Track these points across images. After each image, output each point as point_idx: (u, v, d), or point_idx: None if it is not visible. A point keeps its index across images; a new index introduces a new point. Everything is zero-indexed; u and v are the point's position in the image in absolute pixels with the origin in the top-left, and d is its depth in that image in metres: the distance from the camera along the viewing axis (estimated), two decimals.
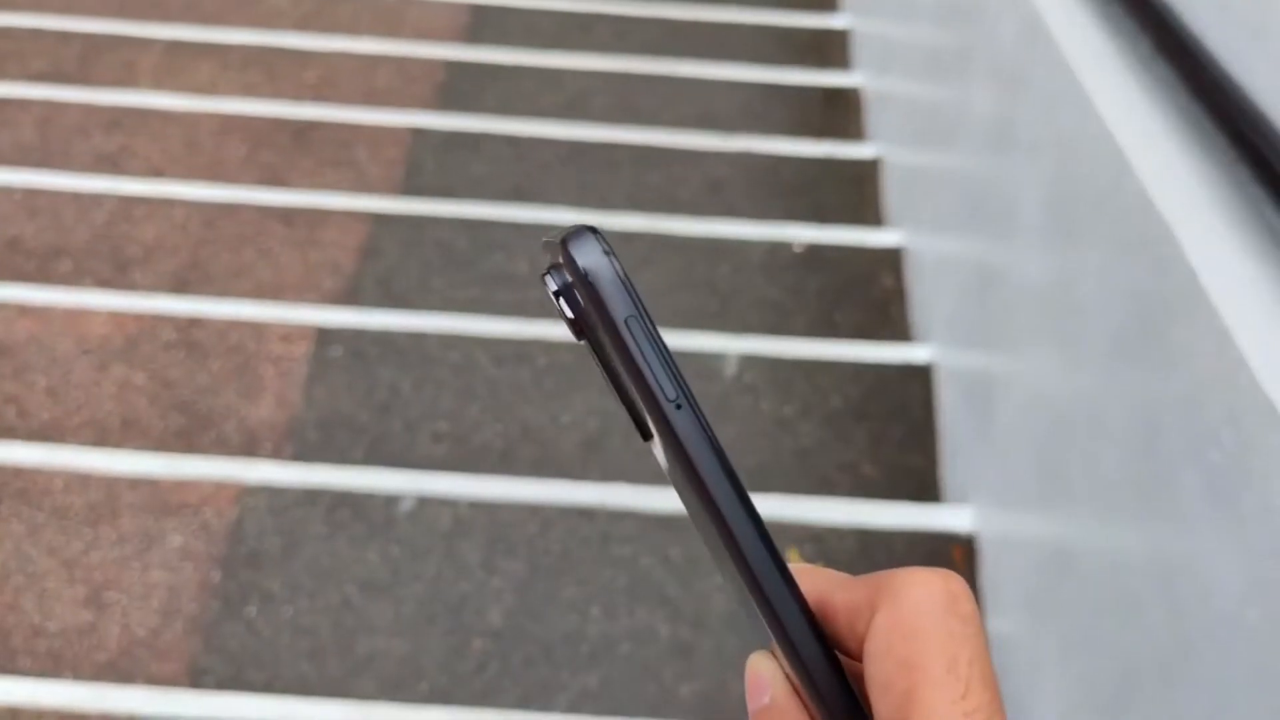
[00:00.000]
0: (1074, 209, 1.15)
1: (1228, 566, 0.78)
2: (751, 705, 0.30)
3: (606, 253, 0.28)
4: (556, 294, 0.29)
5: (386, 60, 2.51)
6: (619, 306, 0.28)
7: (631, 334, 0.28)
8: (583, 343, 0.30)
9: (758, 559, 0.28)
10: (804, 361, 1.75)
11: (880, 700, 0.26)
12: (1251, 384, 0.75)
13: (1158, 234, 0.92)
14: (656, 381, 0.28)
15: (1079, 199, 1.14)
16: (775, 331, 1.84)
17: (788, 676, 0.29)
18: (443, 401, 1.65)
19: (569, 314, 0.29)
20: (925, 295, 1.83)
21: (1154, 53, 1.13)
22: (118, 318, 1.74)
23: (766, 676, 0.30)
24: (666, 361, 0.28)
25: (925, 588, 0.27)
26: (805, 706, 0.29)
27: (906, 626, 0.26)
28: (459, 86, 2.45)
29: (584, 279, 0.28)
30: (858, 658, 0.28)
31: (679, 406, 0.28)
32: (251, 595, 1.38)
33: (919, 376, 1.72)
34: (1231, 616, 0.77)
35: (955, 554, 1.45)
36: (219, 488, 1.49)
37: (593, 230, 0.29)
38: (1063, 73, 1.19)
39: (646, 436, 0.30)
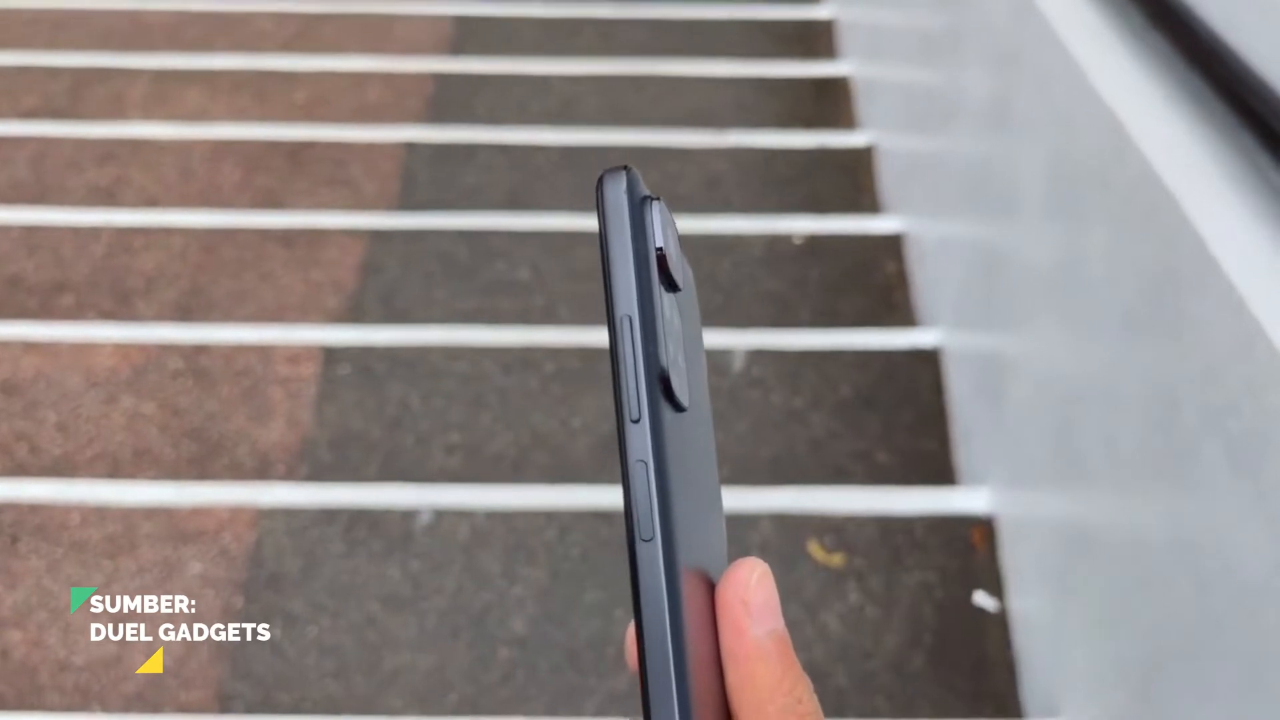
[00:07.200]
0: (1077, 185, 1.15)
1: (1253, 537, 0.77)
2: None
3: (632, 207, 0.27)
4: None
5: (375, 76, 2.51)
6: (622, 295, 0.27)
7: (625, 332, 0.27)
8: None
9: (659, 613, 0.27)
10: (811, 352, 1.75)
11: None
12: (1269, 351, 0.75)
13: (1164, 205, 0.92)
14: (627, 396, 0.27)
15: (1081, 175, 1.14)
16: (780, 324, 1.84)
17: None
18: (453, 413, 1.65)
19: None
20: (929, 279, 1.83)
21: (1146, 23, 1.13)
22: (123, 349, 1.74)
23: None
24: (646, 366, 0.27)
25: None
26: None
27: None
28: (449, 98, 2.44)
29: (602, 240, 0.27)
30: None
31: (635, 421, 0.27)
32: (274, 617, 1.38)
33: (927, 361, 1.72)
34: (1259, 587, 0.77)
35: (974, 536, 1.45)
36: (235, 512, 1.49)
37: (627, 174, 0.27)
38: (1056, 49, 1.19)
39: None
